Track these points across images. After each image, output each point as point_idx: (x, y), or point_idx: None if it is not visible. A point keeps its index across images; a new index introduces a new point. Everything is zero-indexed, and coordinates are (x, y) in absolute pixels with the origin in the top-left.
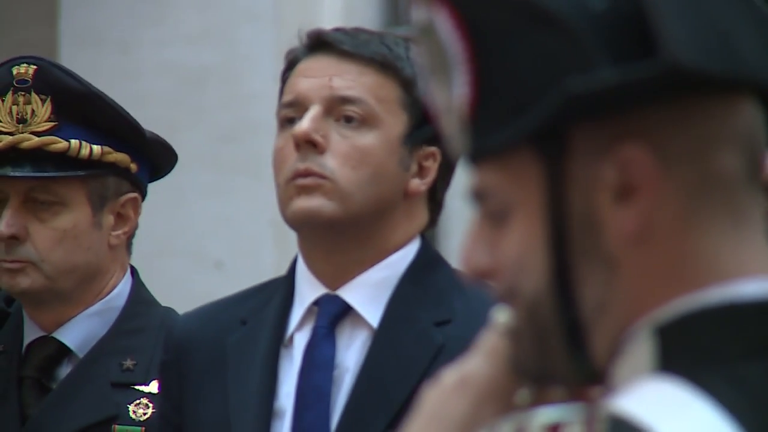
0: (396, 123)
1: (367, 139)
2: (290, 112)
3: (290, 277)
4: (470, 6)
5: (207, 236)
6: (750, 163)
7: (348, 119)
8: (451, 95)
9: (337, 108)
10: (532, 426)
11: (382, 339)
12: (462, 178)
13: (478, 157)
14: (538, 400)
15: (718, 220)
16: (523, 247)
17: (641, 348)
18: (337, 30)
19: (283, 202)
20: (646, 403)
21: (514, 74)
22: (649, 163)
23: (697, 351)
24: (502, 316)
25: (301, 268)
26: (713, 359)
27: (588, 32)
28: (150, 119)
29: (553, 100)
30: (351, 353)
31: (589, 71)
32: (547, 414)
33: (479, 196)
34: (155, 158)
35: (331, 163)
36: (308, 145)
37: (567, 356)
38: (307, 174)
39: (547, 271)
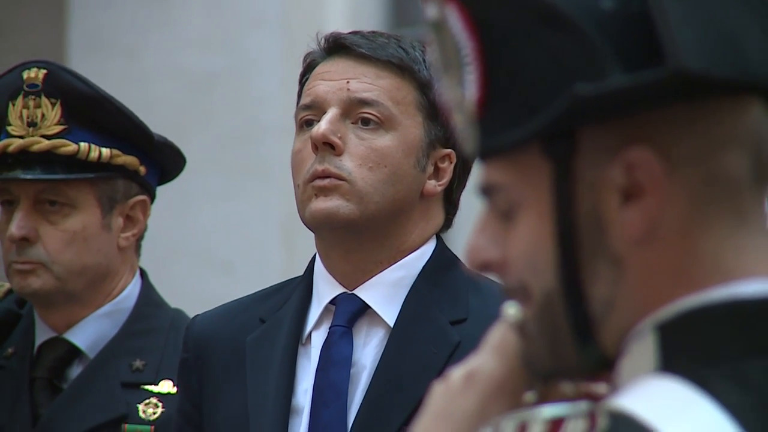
0: (413, 125)
1: (384, 140)
2: (308, 114)
3: (308, 276)
4: (479, 4)
5: (216, 239)
6: (757, 164)
7: (365, 121)
8: (462, 92)
9: (354, 110)
10: (535, 420)
11: (398, 337)
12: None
13: (486, 154)
14: (546, 398)
15: (723, 221)
16: (532, 245)
17: (644, 346)
18: (355, 33)
19: (302, 204)
20: (647, 401)
21: (523, 74)
22: (656, 166)
23: (698, 349)
24: (511, 309)
25: (319, 268)
26: (714, 357)
27: (597, 33)
28: (158, 124)
29: (562, 103)
30: (368, 351)
31: (598, 73)
32: (550, 410)
33: (487, 191)
34: (164, 161)
35: (348, 164)
36: (326, 146)
37: (576, 351)
38: (325, 175)
39: (556, 269)
